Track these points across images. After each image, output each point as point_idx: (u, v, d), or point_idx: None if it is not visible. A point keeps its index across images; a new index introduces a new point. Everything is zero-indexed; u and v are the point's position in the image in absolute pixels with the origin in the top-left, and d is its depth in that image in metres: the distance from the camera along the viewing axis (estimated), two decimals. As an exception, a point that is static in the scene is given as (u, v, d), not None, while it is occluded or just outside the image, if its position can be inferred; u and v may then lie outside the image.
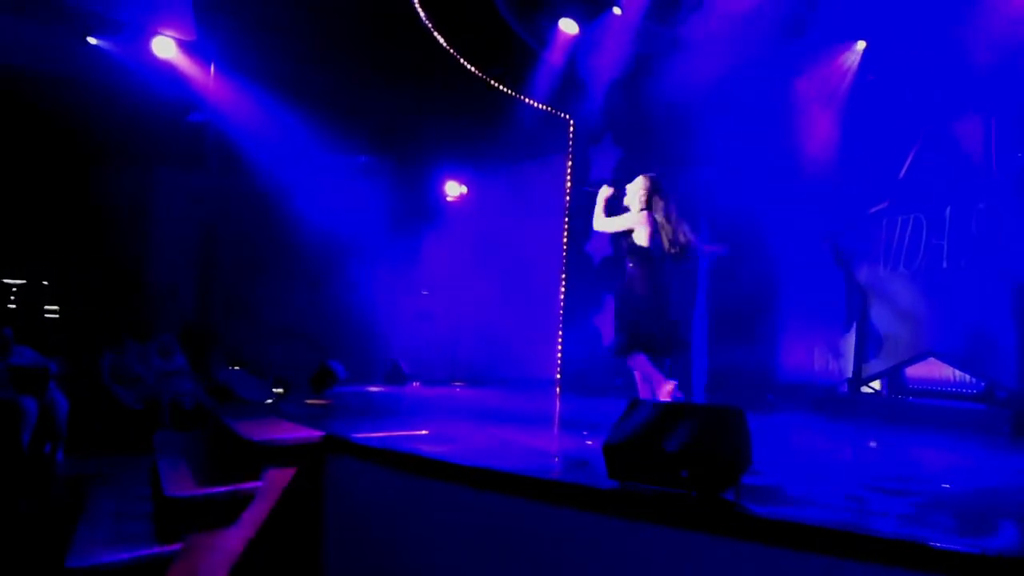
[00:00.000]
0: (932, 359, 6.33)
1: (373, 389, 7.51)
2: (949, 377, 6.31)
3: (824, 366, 7.04)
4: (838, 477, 3.72)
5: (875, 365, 6.63)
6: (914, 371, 6.53)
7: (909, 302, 6.37)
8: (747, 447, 2.79)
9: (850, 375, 6.76)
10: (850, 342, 6.84)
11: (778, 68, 6.95)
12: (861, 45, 6.73)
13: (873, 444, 5.03)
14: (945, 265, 6.15)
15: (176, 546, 3.56)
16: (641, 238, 4.70)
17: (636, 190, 4.83)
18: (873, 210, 6.67)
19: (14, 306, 7.87)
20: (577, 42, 7.91)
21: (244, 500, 3.78)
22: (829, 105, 6.93)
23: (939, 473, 3.93)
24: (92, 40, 7.72)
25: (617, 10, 7.43)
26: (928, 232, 6.28)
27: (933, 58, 6.15)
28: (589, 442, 4.29)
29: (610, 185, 4.97)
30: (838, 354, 6.94)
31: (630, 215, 4.79)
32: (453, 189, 9.86)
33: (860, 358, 6.68)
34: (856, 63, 6.75)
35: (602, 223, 4.93)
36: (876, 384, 6.69)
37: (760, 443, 2.89)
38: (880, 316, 6.63)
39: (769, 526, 2.43)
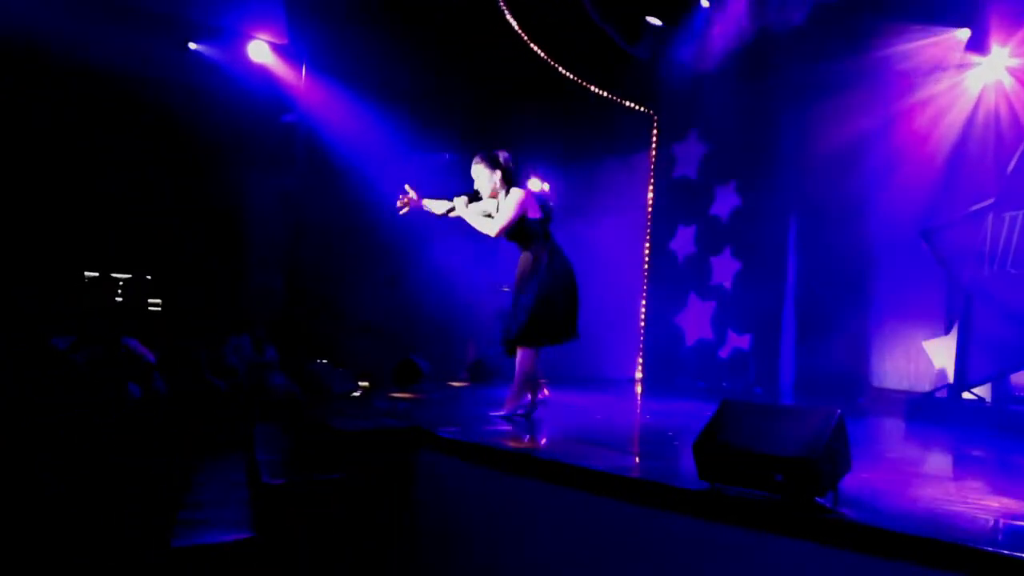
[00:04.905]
0: (1042, 365, 5.99)
1: (457, 384, 7.61)
2: (1060, 385, 5.96)
3: (921, 370, 6.74)
4: (941, 486, 3.56)
5: (978, 370, 6.29)
6: (1021, 378, 6.18)
7: (1017, 304, 6.02)
8: (846, 451, 2.70)
9: (951, 380, 6.44)
10: (951, 345, 6.51)
11: (873, 57, 6.69)
12: (965, 33, 6.40)
13: (977, 453, 4.79)
14: (1058, 265, 5.80)
15: (273, 531, 3.70)
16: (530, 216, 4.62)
17: (493, 172, 4.68)
18: (976, 207, 6.34)
19: (120, 299, 8.33)
20: (664, 36, 7.81)
21: (337, 489, 3.89)
22: (929, 95, 6.62)
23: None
24: (192, 46, 8.10)
25: (705, 2, 7.31)
26: (1039, 230, 5.92)
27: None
28: (676, 442, 4.24)
29: (460, 194, 4.80)
30: (937, 358, 6.63)
31: (513, 198, 4.60)
32: (534, 185, 9.86)
33: (962, 363, 6.35)
34: (961, 51, 6.42)
35: (495, 225, 4.66)
36: (979, 391, 6.36)
37: (856, 448, 2.80)
38: (985, 318, 6.28)
39: (869, 534, 2.35)
